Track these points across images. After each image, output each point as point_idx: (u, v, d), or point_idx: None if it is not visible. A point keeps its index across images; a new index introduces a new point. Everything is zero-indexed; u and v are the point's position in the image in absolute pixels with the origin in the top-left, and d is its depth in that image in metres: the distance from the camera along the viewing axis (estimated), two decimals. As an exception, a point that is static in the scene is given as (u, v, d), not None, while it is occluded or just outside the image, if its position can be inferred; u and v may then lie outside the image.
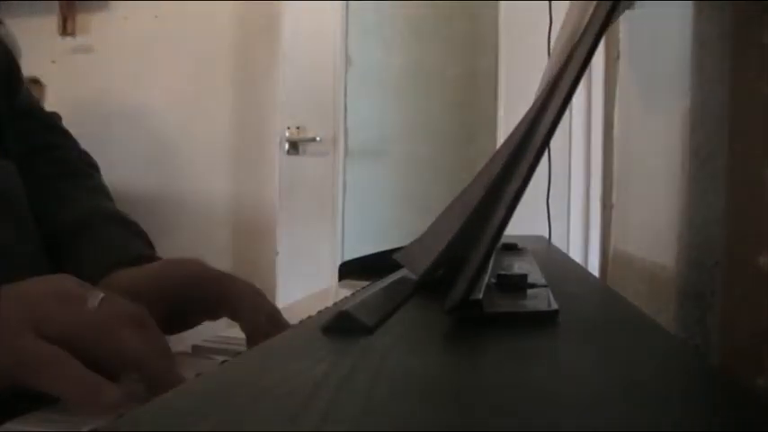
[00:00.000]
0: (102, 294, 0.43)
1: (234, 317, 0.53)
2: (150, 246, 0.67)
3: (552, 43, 1.10)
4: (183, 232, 2.34)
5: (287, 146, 2.26)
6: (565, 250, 1.31)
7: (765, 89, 0.34)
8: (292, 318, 0.54)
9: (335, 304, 0.46)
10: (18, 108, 0.70)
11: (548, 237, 1.31)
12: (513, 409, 0.21)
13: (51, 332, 0.40)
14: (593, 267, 1.75)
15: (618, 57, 1.21)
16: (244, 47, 2.37)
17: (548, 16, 1.36)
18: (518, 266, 0.54)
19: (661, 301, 0.64)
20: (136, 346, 0.41)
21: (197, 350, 0.52)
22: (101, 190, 0.72)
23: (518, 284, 0.42)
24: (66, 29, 2.50)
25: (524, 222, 0.65)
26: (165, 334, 0.46)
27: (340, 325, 0.32)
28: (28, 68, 0.89)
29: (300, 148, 2.25)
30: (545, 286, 0.43)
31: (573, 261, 0.80)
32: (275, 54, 2.28)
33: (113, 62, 2.47)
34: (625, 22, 1.04)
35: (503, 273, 0.43)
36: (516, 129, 0.41)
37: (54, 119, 0.77)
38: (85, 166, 0.74)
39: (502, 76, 2.04)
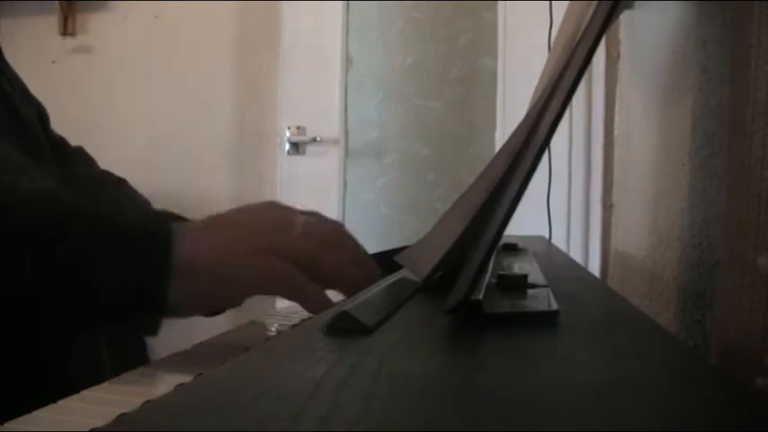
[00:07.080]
0: (304, 218, 0.52)
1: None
2: None
3: (552, 43, 1.10)
4: (183, 232, 2.33)
5: (287, 146, 2.26)
6: (565, 250, 1.31)
7: (765, 89, 0.34)
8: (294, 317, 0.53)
9: (335, 304, 0.46)
10: (52, 138, 0.79)
11: (548, 237, 1.31)
12: (513, 409, 0.21)
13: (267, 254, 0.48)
14: (594, 267, 1.75)
15: (618, 57, 1.21)
16: (244, 47, 2.37)
17: (548, 16, 1.36)
18: (518, 267, 0.54)
19: (661, 301, 0.64)
20: (332, 264, 0.51)
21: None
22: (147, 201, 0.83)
23: (518, 285, 0.42)
24: (66, 29, 2.50)
25: (524, 222, 0.65)
26: None
27: (340, 325, 0.32)
28: (28, 68, 0.90)
29: (301, 148, 2.25)
30: (545, 286, 0.43)
31: (573, 261, 0.80)
32: (275, 54, 2.28)
33: (113, 62, 2.47)
34: (625, 22, 1.04)
35: (503, 273, 0.43)
36: (517, 129, 0.41)
37: (82, 151, 0.86)
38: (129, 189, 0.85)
39: (502, 76, 2.04)
